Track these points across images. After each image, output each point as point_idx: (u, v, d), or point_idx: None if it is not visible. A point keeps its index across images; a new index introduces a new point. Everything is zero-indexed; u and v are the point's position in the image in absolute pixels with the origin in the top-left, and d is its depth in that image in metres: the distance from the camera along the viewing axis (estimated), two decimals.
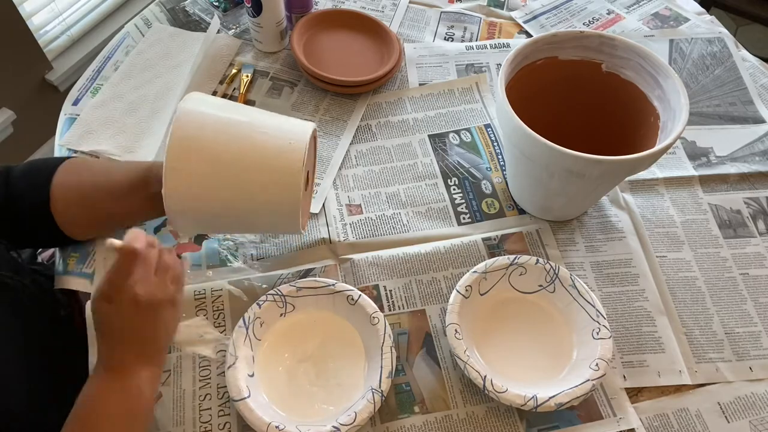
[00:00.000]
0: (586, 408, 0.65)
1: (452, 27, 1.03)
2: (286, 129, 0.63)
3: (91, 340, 0.68)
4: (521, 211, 0.80)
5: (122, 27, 1.02)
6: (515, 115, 0.65)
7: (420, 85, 0.94)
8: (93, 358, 0.67)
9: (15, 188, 0.66)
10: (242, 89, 0.91)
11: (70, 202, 0.67)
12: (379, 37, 0.96)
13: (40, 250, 0.90)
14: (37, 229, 0.67)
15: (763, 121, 0.91)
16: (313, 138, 0.68)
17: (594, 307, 0.67)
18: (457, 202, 0.81)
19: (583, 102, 0.78)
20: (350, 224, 0.78)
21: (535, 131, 0.63)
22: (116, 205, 0.68)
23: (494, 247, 0.76)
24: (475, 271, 0.70)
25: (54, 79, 1.62)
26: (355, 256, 0.75)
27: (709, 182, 0.84)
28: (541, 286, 0.71)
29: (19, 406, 0.58)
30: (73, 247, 0.75)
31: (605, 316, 0.67)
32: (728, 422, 0.66)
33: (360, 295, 0.68)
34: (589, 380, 0.62)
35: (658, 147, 0.63)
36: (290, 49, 0.95)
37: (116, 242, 0.54)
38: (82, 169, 0.70)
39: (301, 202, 0.62)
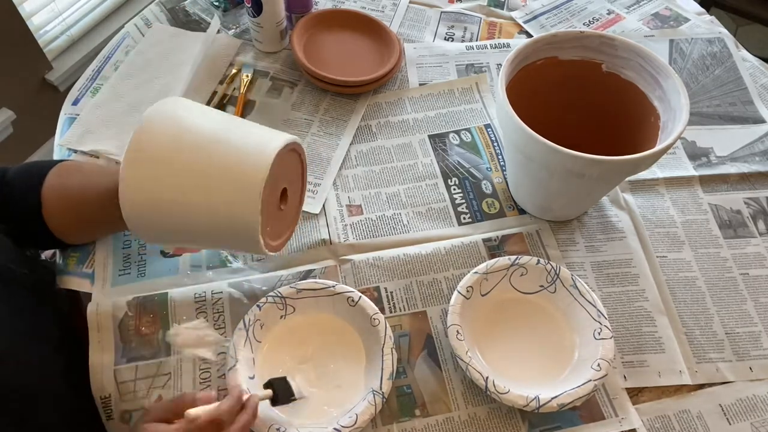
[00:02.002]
0: (588, 408, 0.65)
1: (452, 27, 1.03)
2: (254, 143, 0.58)
3: (92, 341, 0.68)
4: (521, 211, 0.80)
5: (122, 27, 1.02)
6: (515, 115, 0.65)
7: (420, 85, 0.94)
8: (93, 357, 0.67)
9: (9, 191, 0.65)
10: (242, 89, 0.91)
11: (59, 207, 0.66)
12: (379, 37, 0.96)
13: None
14: (31, 232, 0.67)
15: (763, 121, 0.91)
16: (294, 151, 0.64)
17: (595, 307, 0.67)
18: (457, 202, 0.81)
19: (584, 102, 0.78)
20: (350, 225, 0.78)
21: (535, 131, 0.63)
22: (101, 212, 0.65)
23: (495, 248, 0.76)
24: (476, 272, 0.70)
25: (54, 79, 1.62)
26: (356, 257, 0.75)
27: (709, 182, 0.84)
28: (542, 286, 0.71)
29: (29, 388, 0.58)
30: (72, 247, 0.75)
31: (606, 317, 0.67)
32: (730, 424, 0.66)
33: (360, 296, 0.68)
34: (591, 380, 0.62)
35: (658, 147, 0.63)
36: (290, 49, 0.95)
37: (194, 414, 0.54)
38: (73, 172, 0.69)
39: (258, 225, 0.57)
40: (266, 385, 0.61)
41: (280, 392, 0.61)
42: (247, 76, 0.93)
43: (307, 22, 0.96)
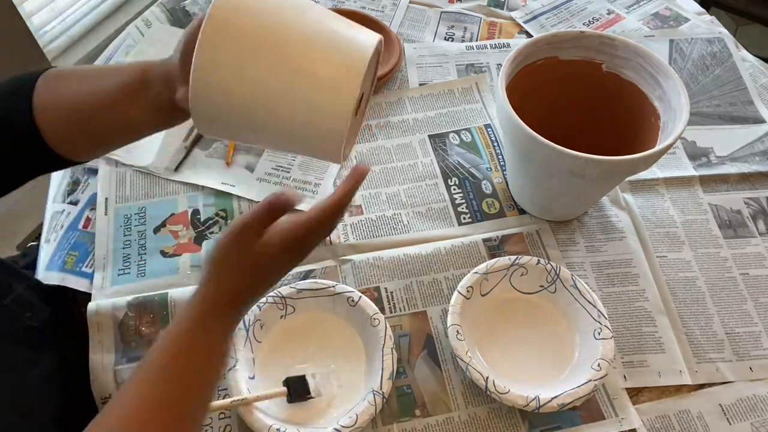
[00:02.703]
0: (588, 408, 0.65)
1: (452, 27, 1.03)
2: (347, 34, 0.51)
3: (92, 341, 0.68)
4: (521, 211, 0.80)
5: (122, 27, 1.02)
6: (515, 115, 0.65)
7: (420, 85, 0.94)
8: (94, 358, 0.67)
9: None
10: None
11: (58, 118, 0.56)
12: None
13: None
14: (27, 156, 0.58)
15: (763, 121, 0.91)
16: (376, 53, 0.55)
17: (595, 307, 0.67)
18: (457, 202, 0.81)
19: (584, 102, 0.78)
20: (350, 225, 0.78)
21: (535, 131, 0.63)
22: (111, 116, 0.57)
23: (495, 248, 0.76)
24: (476, 272, 0.70)
25: None
26: (356, 257, 0.75)
27: (709, 182, 0.84)
28: (542, 286, 0.71)
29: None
30: (71, 245, 0.75)
31: (606, 317, 0.67)
32: (730, 424, 0.66)
33: (360, 296, 0.68)
34: (591, 380, 0.62)
35: (658, 147, 0.63)
36: None
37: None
38: (68, 77, 0.59)
39: (345, 132, 0.49)
40: (284, 383, 0.62)
41: (296, 390, 0.62)
42: None
43: None
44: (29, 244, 0.83)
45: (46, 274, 0.74)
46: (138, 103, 0.56)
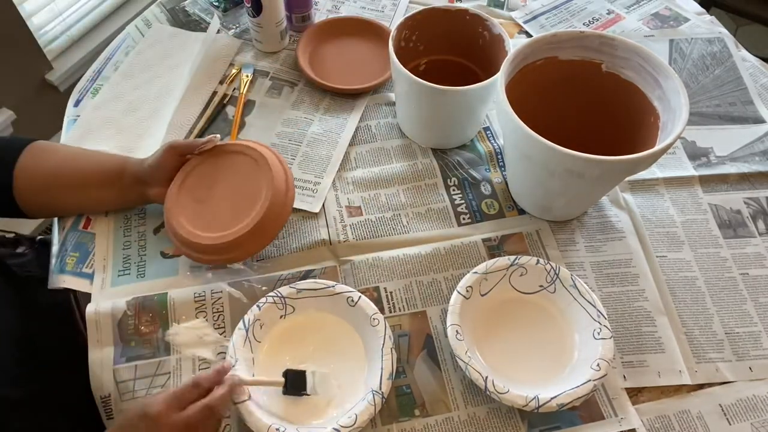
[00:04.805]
0: (588, 408, 0.65)
1: None
2: None
3: (91, 340, 0.68)
4: (521, 212, 0.80)
5: (122, 27, 1.02)
6: (515, 115, 0.65)
7: None
8: (93, 357, 0.67)
9: None
10: (242, 89, 0.91)
11: (33, 189, 0.69)
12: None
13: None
14: None
15: (763, 121, 0.91)
16: None
17: (595, 307, 0.67)
18: (456, 202, 0.81)
19: (584, 102, 0.78)
20: (350, 225, 0.78)
21: (535, 131, 0.63)
22: (82, 196, 0.72)
23: (494, 248, 0.76)
24: (475, 272, 0.70)
25: (54, 79, 1.62)
26: (356, 258, 0.75)
27: (709, 182, 0.84)
28: (541, 286, 0.71)
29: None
30: (72, 246, 0.75)
31: (606, 316, 0.67)
32: (730, 424, 0.65)
33: (360, 296, 0.68)
34: (590, 380, 0.62)
35: (658, 147, 0.63)
36: (291, 50, 0.95)
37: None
38: (49, 154, 0.71)
39: None
40: (284, 374, 0.63)
41: (293, 384, 0.62)
42: (248, 76, 0.93)
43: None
44: (38, 237, 0.84)
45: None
46: (111, 189, 0.71)
